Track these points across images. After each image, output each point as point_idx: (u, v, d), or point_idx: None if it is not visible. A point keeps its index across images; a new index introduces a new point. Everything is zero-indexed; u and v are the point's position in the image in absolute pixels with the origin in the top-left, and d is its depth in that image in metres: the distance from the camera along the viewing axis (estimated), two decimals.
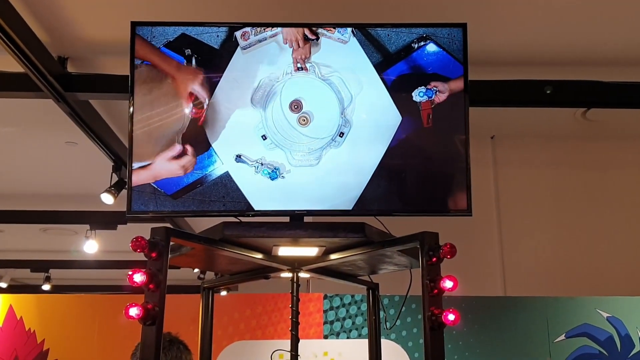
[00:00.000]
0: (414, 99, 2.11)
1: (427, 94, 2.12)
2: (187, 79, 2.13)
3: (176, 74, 2.13)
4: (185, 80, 2.13)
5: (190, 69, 2.13)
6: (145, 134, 2.10)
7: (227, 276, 2.50)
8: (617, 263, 3.99)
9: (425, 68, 2.14)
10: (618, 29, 2.93)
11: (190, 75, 2.13)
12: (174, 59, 2.13)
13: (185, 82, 2.13)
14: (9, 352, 3.51)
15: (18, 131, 4.12)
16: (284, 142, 2.09)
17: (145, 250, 1.71)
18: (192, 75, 2.13)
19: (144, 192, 2.09)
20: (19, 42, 2.58)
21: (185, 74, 2.13)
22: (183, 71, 2.13)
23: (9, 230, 6.56)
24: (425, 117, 2.11)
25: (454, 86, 2.13)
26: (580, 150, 4.20)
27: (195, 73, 2.13)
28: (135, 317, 1.64)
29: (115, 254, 6.82)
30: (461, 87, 2.14)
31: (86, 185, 4.94)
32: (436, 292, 1.78)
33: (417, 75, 2.14)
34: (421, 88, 2.12)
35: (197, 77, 2.13)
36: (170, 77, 2.13)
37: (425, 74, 2.14)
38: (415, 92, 2.12)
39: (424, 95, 2.12)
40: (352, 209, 2.08)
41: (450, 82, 2.13)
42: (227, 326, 3.46)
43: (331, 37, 2.14)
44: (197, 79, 2.13)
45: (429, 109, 2.11)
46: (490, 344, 3.49)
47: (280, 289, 3.41)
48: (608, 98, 3.22)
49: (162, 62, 2.13)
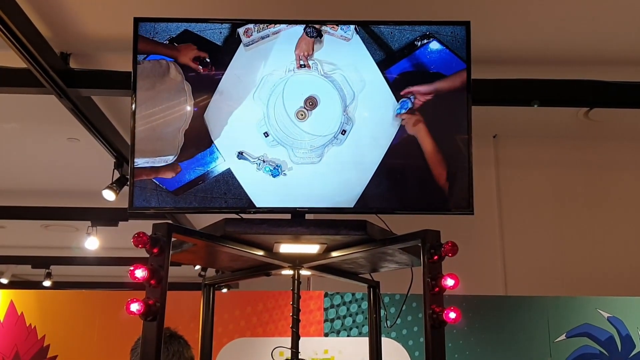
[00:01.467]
0: (395, 120, 2.10)
1: (403, 107, 2.10)
2: (189, 76, 2.13)
3: (179, 70, 2.13)
4: (187, 77, 2.13)
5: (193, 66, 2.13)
6: (148, 130, 2.10)
7: (228, 273, 2.50)
8: (618, 263, 3.99)
9: (428, 66, 2.14)
10: (622, 28, 2.93)
11: (192, 72, 2.13)
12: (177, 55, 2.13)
13: (187, 78, 2.13)
14: (9, 348, 3.51)
15: (20, 127, 4.12)
16: (286, 139, 2.09)
17: (147, 246, 1.71)
18: (194, 71, 2.13)
19: (146, 188, 2.09)
20: (21, 37, 2.58)
21: (188, 70, 2.13)
22: (187, 66, 2.13)
23: (10, 226, 6.57)
24: (410, 126, 2.10)
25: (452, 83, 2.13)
26: (582, 150, 4.20)
27: (197, 69, 2.13)
28: (136, 312, 1.64)
29: (116, 250, 6.84)
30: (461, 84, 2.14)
31: (88, 181, 4.95)
32: (437, 290, 1.78)
33: (420, 73, 2.14)
34: (396, 105, 2.11)
35: (200, 73, 2.13)
36: (173, 74, 2.13)
37: (428, 72, 2.14)
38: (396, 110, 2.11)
39: (400, 110, 2.11)
40: (354, 207, 2.08)
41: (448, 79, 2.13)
42: (227, 323, 3.46)
43: (334, 34, 2.14)
44: (200, 75, 2.13)
45: (412, 117, 2.10)
46: (491, 343, 3.49)
47: (281, 287, 3.41)
48: (611, 98, 3.21)
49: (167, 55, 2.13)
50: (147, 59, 2.14)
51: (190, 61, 2.13)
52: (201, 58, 2.13)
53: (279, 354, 2.26)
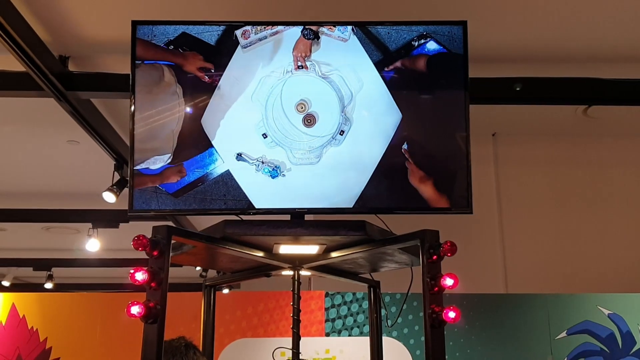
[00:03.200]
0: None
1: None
2: (188, 78, 2.13)
3: (177, 72, 2.13)
4: (184, 80, 2.13)
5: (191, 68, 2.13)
6: (147, 132, 2.11)
7: (228, 274, 2.50)
8: (618, 260, 3.99)
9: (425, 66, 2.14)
10: (619, 26, 2.93)
11: (190, 74, 2.13)
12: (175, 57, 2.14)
13: (186, 80, 2.13)
14: (11, 350, 3.52)
15: (20, 130, 4.12)
16: (284, 140, 2.10)
17: (147, 249, 1.71)
18: (192, 74, 2.13)
19: (146, 190, 2.10)
20: (20, 41, 2.58)
21: (186, 72, 2.13)
22: (184, 70, 2.13)
23: (11, 228, 6.58)
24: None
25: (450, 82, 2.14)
26: (581, 147, 4.20)
27: (195, 71, 2.13)
28: (137, 315, 1.65)
29: (117, 252, 6.84)
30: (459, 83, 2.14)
31: (88, 183, 4.95)
32: (437, 290, 1.78)
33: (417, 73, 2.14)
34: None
35: (197, 76, 2.13)
36: (171, 76, 2.13)
37: (425, 72, 2.14)
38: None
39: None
40: (353, 207, 2.09)
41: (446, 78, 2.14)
42: (229, 324, 3.47)
43: (331, 35, 2.14)
44: (197, 78, 2.13)
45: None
46: (492, 341, 3.49)
47: (282, 287, 3.41)
48: (609, 95, 3.21)
49: (164, 59, 2.14)
50: (146, 62, 2.14)
51: (189, 64, 2.13)
52: (199, 61, 2.13)
53: (280, 354, 2.27)
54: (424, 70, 2.15)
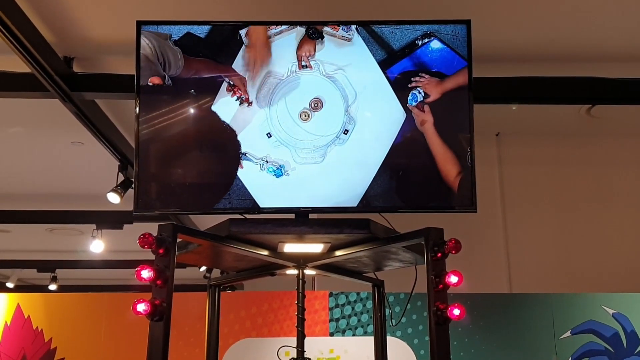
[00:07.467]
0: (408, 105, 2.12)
1: (413, 99, 2.12)
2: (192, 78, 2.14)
3: (181, 73, 2.14)
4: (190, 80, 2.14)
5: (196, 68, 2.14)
6: (152, 133, 2.12)
7: (233, 273, 2.51)
8: (622, 259, 3.99)
9: (429, 65, 2.15)
10: (623, 25, 2.93)
11: (195, 74, 2.14)
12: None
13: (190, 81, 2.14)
14: (17, 351, 3.53)
15: (24, 131, 4.14)
16: (288, 139, 2.10)
17: (153, 247, 1.72)
18: (197, 74, 2.14)
19: (150, 191, 2.10)
20: (25, 42, 2.59)
21: (190, 73, 2.14)
22: (188, 70, 2.14)
23: (15, 230, 6.60)
24: (419, 120, 2.12)
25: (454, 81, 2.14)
26: (585, 146, 4.20)
27: (200, 72, 2.14)
28: (143, 313, 1.65)
29: (121, 253, 6.85)
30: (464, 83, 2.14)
31: (92, 184, 4.97)
32: (441, 287, 1.79)
33: (421, 72, 2.15)
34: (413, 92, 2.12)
35: (202, 75, 2.14)
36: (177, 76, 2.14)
37: (429, 71, 2.15)
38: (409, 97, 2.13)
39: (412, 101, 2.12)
40: (357, 206, 2.09)
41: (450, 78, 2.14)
42: (233, 324, 3.47)
43: (335, 34, 2.15)
44: (202, 77, 2.14)
45: (422, 109, 2.12)
46: (496, 341, 3.49)
47: (286, 287, 3.42)
48: (613, 95, 3.21)
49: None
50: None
51: (193, 64, 2.14)
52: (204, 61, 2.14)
53: (284, 354, 2.27)
54: (427, 70, 2.15)
